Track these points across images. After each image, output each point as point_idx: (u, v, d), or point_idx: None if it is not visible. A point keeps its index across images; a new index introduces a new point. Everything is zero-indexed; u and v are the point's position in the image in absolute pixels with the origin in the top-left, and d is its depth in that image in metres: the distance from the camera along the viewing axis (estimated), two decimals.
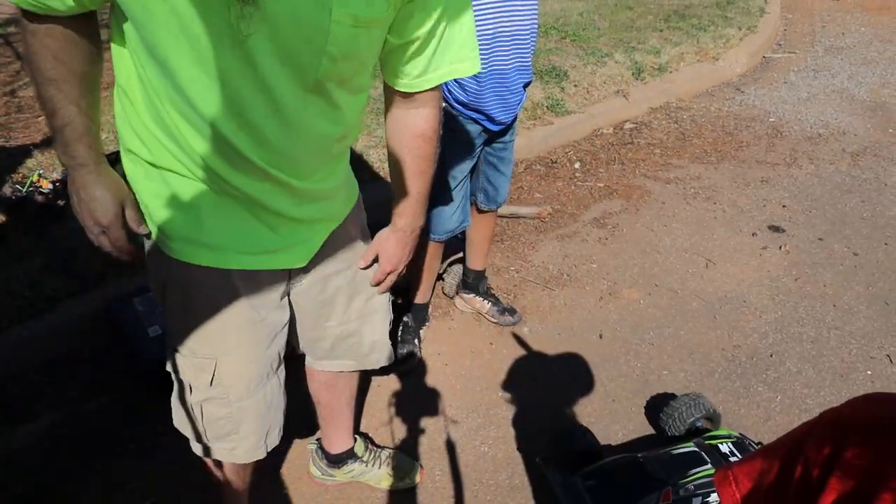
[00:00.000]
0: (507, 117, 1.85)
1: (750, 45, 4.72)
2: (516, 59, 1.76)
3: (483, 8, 1.64)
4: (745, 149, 3.53)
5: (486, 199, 2.11)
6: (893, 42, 5.01)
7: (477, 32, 1.63)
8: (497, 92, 1.77)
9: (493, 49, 1.70)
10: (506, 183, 2.09)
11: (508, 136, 1.98)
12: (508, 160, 2.05)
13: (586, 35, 4.66)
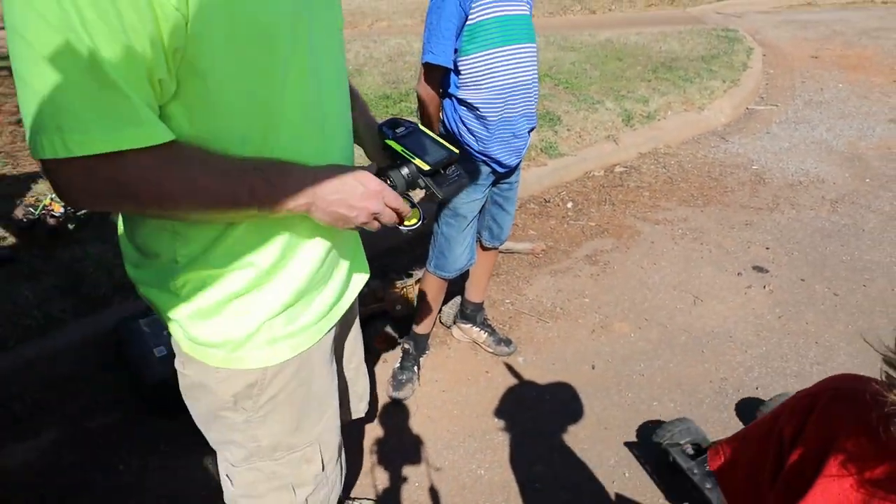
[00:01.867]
0: (512, 162, 1.96)
1: (734, 97, 4.94)
2: (524, 108, 1.88)
3: (498, 62, 1.76)
4: (729, 194, 3.67)
5: (491, 237, 2.21)
6: (869, 98, 5.25)
7: (493, 85, 1.78)
8: (504, 139, 1.88)
9: (507, 100, 1.82)
10: (510, 221, 2.20)
11: (514, 176, 2.09)
12: (513, 200, 2.15)
13: (578, 83, 4.86)
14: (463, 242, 2.04)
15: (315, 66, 0.84)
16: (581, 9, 9.09)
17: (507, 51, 1.77)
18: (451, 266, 2.07)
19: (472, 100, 1.81)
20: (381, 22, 8.42)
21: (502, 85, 1.79)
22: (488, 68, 1.77)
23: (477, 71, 1.78)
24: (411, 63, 5.48)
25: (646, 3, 9.30)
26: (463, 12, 1.71)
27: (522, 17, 1.80)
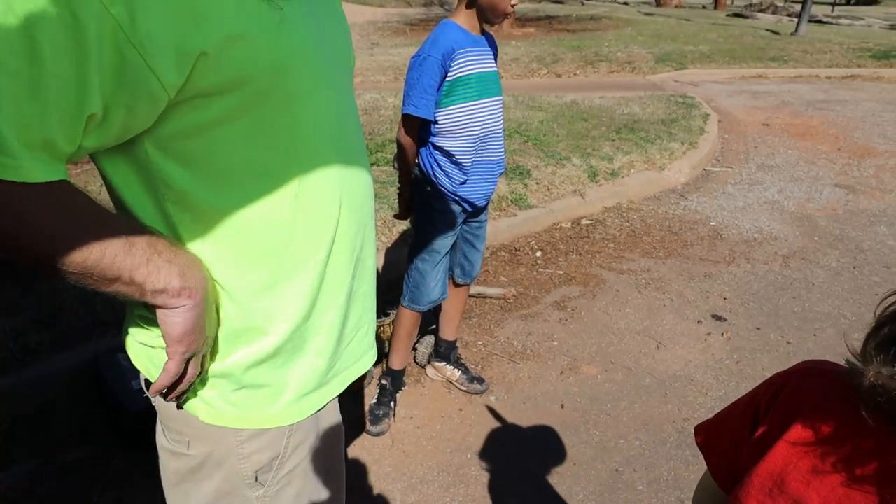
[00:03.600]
0: (482, 203, 2.13)
1: (692, 158, 5.23)
2: (495, 154, 2.06)
3: (472, 114, 1.94)
4: (689, 247, 3.87)
5: (463, 274, 2.32)
6: (816, 164, 5.61)
7: (468, 135, 1.96)
8: (476, 182, 2.05)
9: (479, 147, 1.99)
10: (479, 258, 2.32)
11: (483, 216, 2.25)
12: (483, 237, 2.29)
13: (546, 140, 5.10)
14: (436, 276, 2.16)
15: (336, 98, 0.83)
16: (547, 72, 9.53)
17: (480, 104, 1.95)
18: (425, 299, 2.17)
19: (449, 147, 1.97)
20: (355, 77, 8.68)
21: (476, 134, 1.97)
22: (463, 119, 1.94)
23: (453, 122, 1.94)
24: (386, 116, 5.68)
25: (608, 70, 9.79)
26: (444, 70, 1.88)
27: (492, 73, 2.00)
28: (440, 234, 2.11)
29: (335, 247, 0.85)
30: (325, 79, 0.80)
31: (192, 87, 0.65)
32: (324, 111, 0.80)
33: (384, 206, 3.61)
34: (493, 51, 2.01)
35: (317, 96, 0.78)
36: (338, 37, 0.88)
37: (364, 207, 0.90)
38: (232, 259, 0.78)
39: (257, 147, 0.73)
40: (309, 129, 0.78)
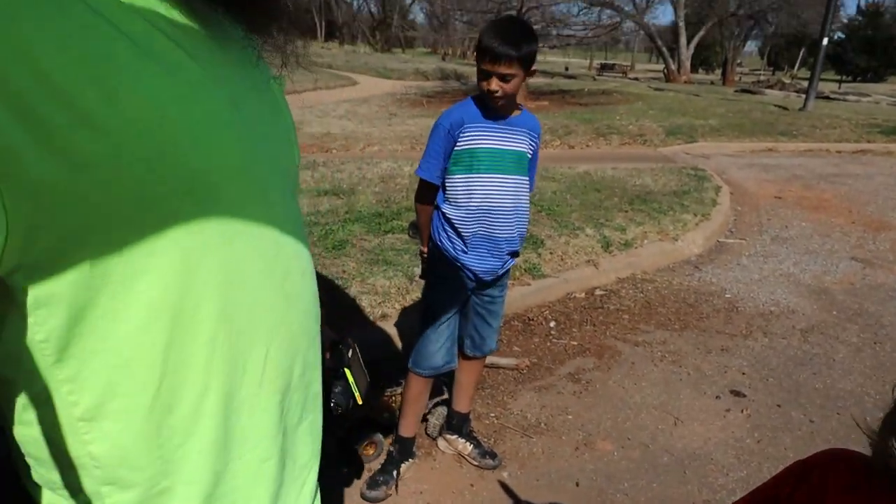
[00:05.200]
0: (486, 276, 2.09)
1: (705, 230, 5.24)
2: (502, 232, 2.02)
3: (477, 187, 1.95)
4: (705, 320, 3.82)
5: (472, 346, 2.29)
6: (830, 237, 5.59)
7: (469, 206, 1.97)
8: (479, 255, 2.03)
9: (481, 221, 1.99)
10: (493, 334, 2.28)
11: (497, 291, 2.21)
12: (496, 314, 2.26)
13: (560, 210, 5.14)
14: (437, 341, 2.12)
15: (271, 214, 0.69)
16: (560, 143, 9.72)
17: (487, 178, 1.96)
18: (426, 363, 2.14)
19: (450, 215, 2.00)
20: (372, 146, 8.90)
21: (476, 206, 1.97)
22: (465, 190, 1.96)
23: (456, 190, 1.97)
24: (401, 185, 5.77)
25: (620, 142, 9.98)
26: (452, 139, 1.93)
27: (512, 153, 1.98)
28: (443, 300, 2.10)
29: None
30: (258, 191, 0.67)
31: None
32: (255, 234, 0.67)
33: (398, 273, 3.62)
34: (528, 132, 2.00)
35: (246, 215, 0.65)
36: (273, 129, 0.75)
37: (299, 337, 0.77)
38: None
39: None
40: (236, 261, 0.64)
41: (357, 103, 14.16)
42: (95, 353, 0.56)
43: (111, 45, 0.51)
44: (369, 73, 24.32)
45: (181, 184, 0.56)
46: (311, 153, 8.24)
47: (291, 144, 0.80)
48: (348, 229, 4.25)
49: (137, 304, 0.56)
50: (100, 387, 0.57)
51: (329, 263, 3.71)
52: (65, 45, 0.48)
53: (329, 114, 12.01)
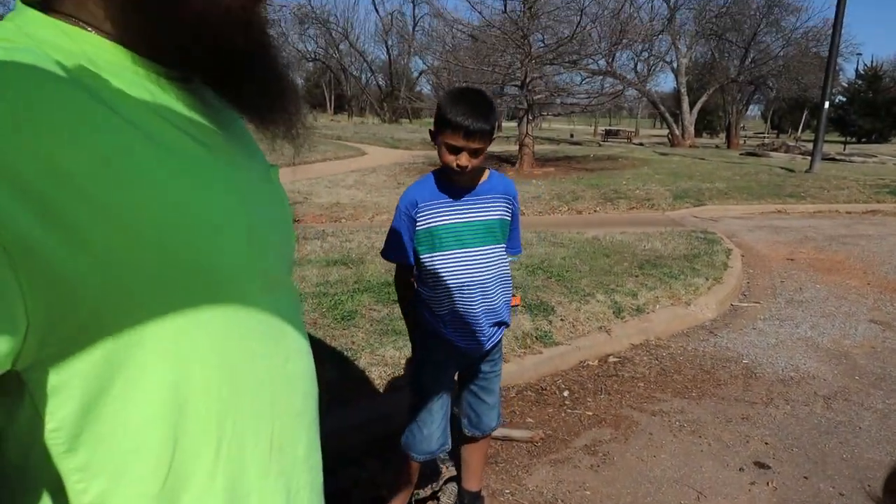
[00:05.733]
0: (474, 351, 2.01)
1: (718, 294, 5.18)
2: (480, 305, 1.94)
3: (445, 265, 1.89)
4: (723, 387, 3.72)
5: (470, 425, 2.19)
6: (847, 299, 5.51)
7: (439, 285, 1.90)
8: (460, 330, 1.95)
9: (455, 298, 1.91)
10: (490, 411, 2.16)
11: (488, 367, 2.11)
12: (491, 391, 2.15)
13: (570, 276, 5.11)
14: (431, 424, 2.01)
15: (274, 299, 0.70)
16: (568, 209, 9.79)
17: (451, 255, 1.88)
18: (420, 448, 2.04)
19: (424, 296, 1.95)
20: (381, 215, 8.99)
21: (445, 286, 1.90)
22: (432, 270, 1.90)
23: (424, 271, 1.92)
24: None
25: (627, 206, 10.04)
26: (411, 220, 1.87)
27: (478, 224, 1.90)
28: (433, 380, 2.01)
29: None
30: (264, 277, 0.67)
31: None
32: (261, 320, 0.67)
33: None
34: (501, 197, 1.94)
35: (252, 301, 0.65)
36: (275, 214, 0.75)
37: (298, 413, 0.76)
38: None
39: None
40: (242, 346, 0.65)
41: (366, 173, 14.42)
42: (106, 440, 0.56)
43: (128, 142, 0.54)
44: (378, 143, 24.88)
45: (193, 272, 0.58)
46: (320, 223, 8.33)
47: (290, 228, 0.81)
48: (357, 299, 4.23)
49: (148, 390, 0.57)
50: (109, 474, 0.57)
51: (338, 335, 3.67)
52: (84, 144, 0.51)
53: (338, 184, 12.22)
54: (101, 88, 0.55)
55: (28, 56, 0.52)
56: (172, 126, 0.60)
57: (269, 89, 0.69)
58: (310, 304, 4.13)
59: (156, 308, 0.56)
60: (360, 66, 60.22)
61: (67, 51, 0.56)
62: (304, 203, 9.60)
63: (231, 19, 0.62)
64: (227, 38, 0.62)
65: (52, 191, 0.48)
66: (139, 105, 0.58)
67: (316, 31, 51.29)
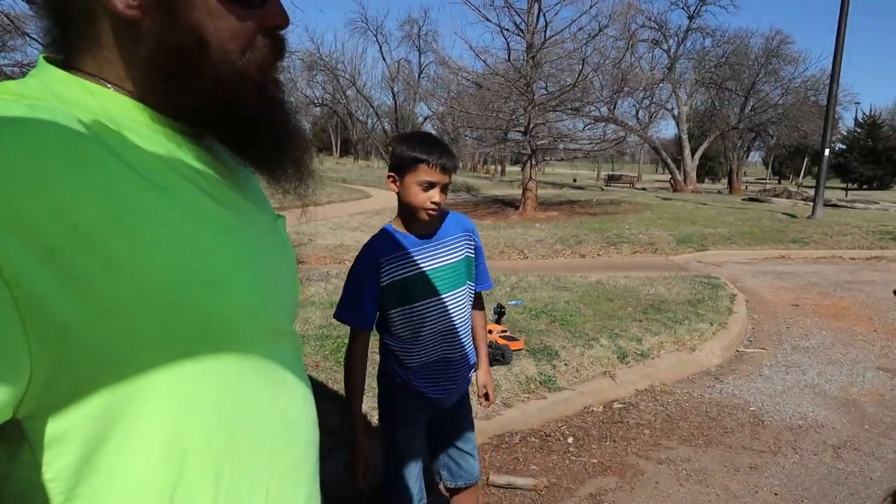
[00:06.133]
0: (447, 402, 1.94)
1: (723, 339, 5.14)
2: (457, 349, 1.88)
3: (413, 316, 1.80)
4: (730, 435, 3.65)
5: (452, 476, 2.08)
6: (854, 346, 5.45)
7: (409, 336, 1.81)
8: (431, 378, 1.87)
9: (427, 347, 1.83)
10: (470, 461, 2.07)
11: (461, 414, 2.03)
12: (468, 438, 2.06)
13: (573, 320, 5.09)
14: (406, 481, 1.88)
15: (278, 348, 0.71)
16: (571, 253, 9.80)
17: (426, 304, 1.80)
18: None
19: (394, 347, 1.85)
20: None
21: (424, 337, 1.82)
22: (407, 323, 1.81)
23: (396, 325, 1.82)
24: None
25: (631, 250, 10.05)
26: (373, 277, 1.77)
27: (447, 268, 1.83)
28: (400, 432, 1.89)
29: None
30: (268, 328, 0.68)
31: None
32: (263, 369, 0.67)
33: None
34: (462, 236, 1.89)
35: (255, 351, 0.66)
36: (282, 264, 0.76)
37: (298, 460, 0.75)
38: None
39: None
40: (244, 395, 0.65)
41: (370, 215, 14.52)
42: (104, 491, 0.56)
43: (141, 197, 0.56)
44: (382, 186, 25.08)
45: (197, 325, 0.59)
46: (324, 265, 8.35)
47: (295, 278, 0.82)
48: None
49: (148, 440, 0.57)
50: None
51: (340, 378, 3.63)
52: (98, 199, 0.52)
53: (343, 226, 12.29)
54: (118, 144, 0.58)
55: (49, 113, 0.54)
56: (186, 180, 0.62)
57: (280, 146, 0.71)
58: (312, 347, 4.11)
59: (159, 358, 0.57)
60: (366, 111, 61.12)
61: (88, 107, 0.59)
62: (308, 244, 9.64)
63: (247, 82, 0.65)
64: (241, 99, 0.65)
65: (63, 244, 0.50)
66: (155, 160, 0.60)
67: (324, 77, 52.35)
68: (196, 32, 0.62)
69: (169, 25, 0.61)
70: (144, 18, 0.61)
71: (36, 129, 0.52)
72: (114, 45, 0.62)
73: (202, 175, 0.65)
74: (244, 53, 0.66)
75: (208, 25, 0.63)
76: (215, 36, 0.63)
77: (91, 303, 0.51)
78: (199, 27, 0.62)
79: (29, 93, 0.58)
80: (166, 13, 0.61)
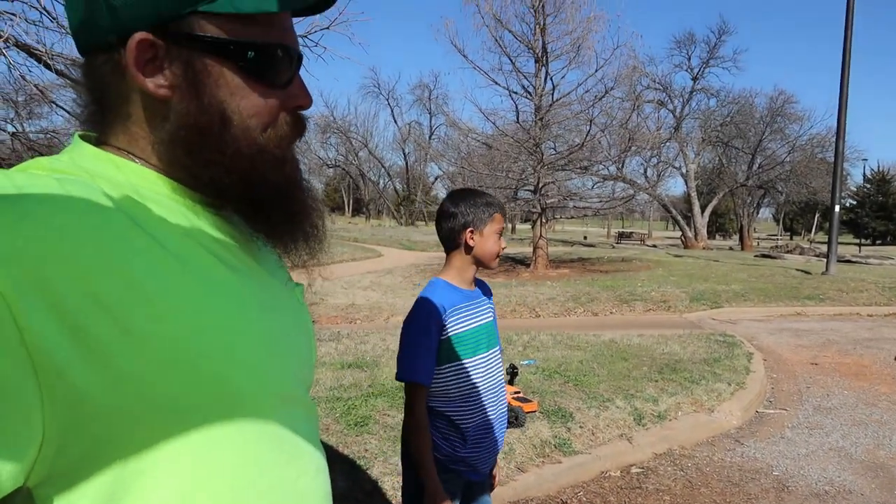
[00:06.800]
0: (485, 467, 1.90)
1: (742, 400, 5.02)
2: (499, 409, 1.88)
3: (468, 372, 1.80)
4: (754, 501, 3.52)
5: None
6: (878, 406, 5.30)
7: (463, 395, 1.79)
8: (479, 446, 1.84)
9: (478, 407, 1.82)
10: None
11: (483, 487, 1.97)
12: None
13: (587, 381, 5.00)
14: None
15: (291, 416, 0.69)
16: (584, 311, 9.73)
17: (476, 360, 1.82)
18: None
19: (445, 410, 1.81)
20: (396, 316, 8.99)
21: (476, 394, 1.81)
22: (459, 380, 1.80)
23: (448, 383, 1.80)
24: None
25: (644, 308, 9.96)
26: (439, 328, 1.76)
27: (487, 325, 1.88)
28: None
29: None
30: (281, 395, 0.68)
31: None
32: (275, 436, 0.66)
33: None
34: (487, 299, 1.95)
35: (268, 417, 0.65)
36: (297, 330, 0.76)
37: None
38: None
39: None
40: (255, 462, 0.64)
41: (381, 274, 14.56)
42: None
43: (159, 266, 0.57)
44: (394, 245, 25.30)
45: (210, 391, 0.59)
46: (335, 324, 8.33)
47: (311, 347, 0.81)
48: (371, 404, 4.14)
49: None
50: None
51: (351, 441, 3.57)
52: (120, 268, 0.54)
53: (354, 285, 12.32)
54: (141, 216, 0.60)
55: (77, 186, 0.57)
56: (206, 251, 0.64)
57: (292, 221, 0.73)
58: (323, 409, 4.05)
59: (172, 427, 0.57)
60: (378, 171, 62.39)
61: (116, 181, 0.62)
62: (319, 304, 9.64)
63: (266, 157, 0.68)
64: (258, 174, 0.68)
65: (85, 311, 0.51)
66: (176, 231, 0.62)
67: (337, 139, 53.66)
68: (220, 109, 0.65)
69: (195, 104, 0.64)
70: (173, 97, 0.64)
71: (64, 202, 0.54)
72: (143, 122, 0.66)
73: (220, 244, 0.67)
74: (265, 129, 0.68)
75: (232, 103, 0.66)
76: (238, 113, 0.66)
77: (107, 369, 0.52)
78: (223, 105, 0.65)
79: (60, 167, 0.61)
80: (193, 92, 0.64)
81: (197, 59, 0.64)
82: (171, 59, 0.63)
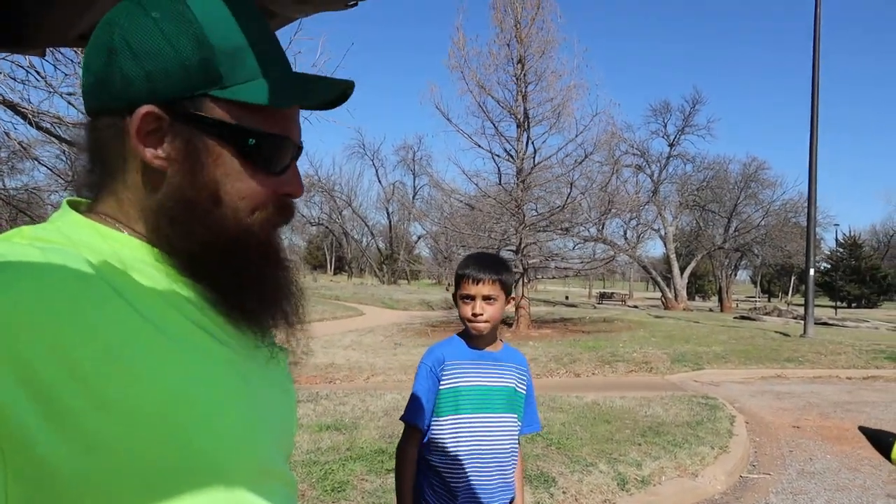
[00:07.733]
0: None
1: (725, 464, 4.96)
2: (496, 478, 1.84)
3: (466, 429, 1.80)
4: None
5: None
6: (860, 471, 5.27)
7: (458, 451, 1.78)
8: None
9: (473, 468, 1.80)
10: None
11: None
12: None
13: (570, 444, 4.93)
14: None
15: (268, 487, 0.67)
16: (566, 372, 9.67)
17: (474, 418, 1.82)
18: None
19: (437, 464, 1.81)
20: (377, 376, 8.86)
21: (467, 452, 1.80)
22: (454, 433, 1.80)
23: (443, 435, 1.81)
24: None
25: (626, 369, 9.93)
26: (435, 378, 1.82)
27: (501, 390, 1.87)
28: None
29: None
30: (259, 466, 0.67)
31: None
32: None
33: None
34: (515, 367, 1.94)
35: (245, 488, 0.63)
36: (278, 400, 0.75)
37: None
38: None
39: None
40: None
41: (363, 333, 14.42)
42: None
43: (138, 335, 0.57)
44: (376, 303, 25.16)
45: (185, 463, 0.57)
46: (314, 384, 8.18)
47: (293, 415, 0.81)
48: (349, 468, 4.04)
49: None
50: None
51: None
52: (95, 337, 0.53)
53: (335, 344, 12.17)
54: (122, 284, 0.60)
55: (59, 255, 0.57)
56: (184, 318, 0.63)
57: (267, 302, 0.71)
58: (299, 474, 3.93)
59: (140, 495, 0.55)
60: (361, 230, 62.67)
61: (99, 250, 0.62)
62: (298, 364, 9.48)
63: (249, 239, 0.68)
64: (238, 254, 0.68)
65: (56, 381, 0.50)
66: (156, 299, 0.62)
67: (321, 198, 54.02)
68: (213, 188, 0.66)
69: (189, 179, 0.65)
70: (168, 169, 0.65)
71: (44, 272, 0.54)
72: (137, 189, 0.66)
73: (201, 312, 0.66)
74: (253, 212, 0.69)
75: (226, 184, 0.67)
76: (230, 194, 0.67)
77: (76, 439, 0.51)
78: (217, 184, 0.66)
79: (44, 235, 0.61)
80: (189, 168, 0.65)
81: (199, 138, 0.65)
82: (173, 134, 0.64)
